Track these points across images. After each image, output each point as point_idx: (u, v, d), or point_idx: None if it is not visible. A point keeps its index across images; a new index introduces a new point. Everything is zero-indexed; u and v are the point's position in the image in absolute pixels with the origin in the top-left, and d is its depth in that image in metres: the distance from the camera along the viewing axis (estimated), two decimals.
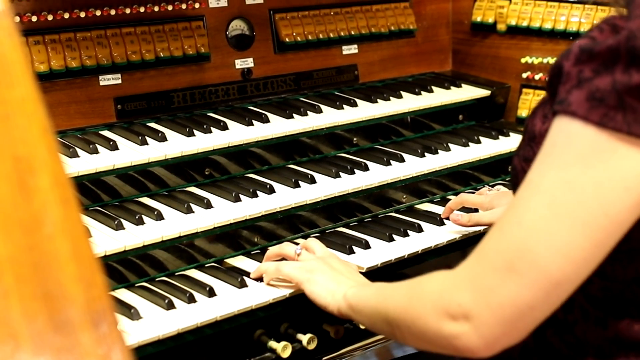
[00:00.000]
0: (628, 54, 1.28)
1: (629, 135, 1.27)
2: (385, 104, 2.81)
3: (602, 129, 1.28)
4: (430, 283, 1.48)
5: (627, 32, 1.29)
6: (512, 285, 1.33)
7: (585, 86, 1.31)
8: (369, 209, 2.54)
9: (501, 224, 1.38)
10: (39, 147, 0.86)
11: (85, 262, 0.83)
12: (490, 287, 1.35)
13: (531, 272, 1.32)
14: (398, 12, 3.09)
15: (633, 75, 1.27)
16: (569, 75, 1.34)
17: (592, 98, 1.29)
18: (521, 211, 1.35)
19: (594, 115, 1.29)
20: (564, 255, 1.31)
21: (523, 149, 1.52)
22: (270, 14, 2.81)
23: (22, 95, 0.87)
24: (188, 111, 2.61)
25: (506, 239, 1.35)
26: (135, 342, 1.88)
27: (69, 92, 2.43)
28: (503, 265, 1.34)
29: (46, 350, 0.78)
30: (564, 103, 1.32)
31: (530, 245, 1.32)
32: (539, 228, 1.32)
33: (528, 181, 1.37)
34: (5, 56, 0.89)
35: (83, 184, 2.24)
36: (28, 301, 0.79)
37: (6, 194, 0.82)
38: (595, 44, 1.32)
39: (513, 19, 3.08)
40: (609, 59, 1.30)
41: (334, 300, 1.87)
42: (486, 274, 1.36)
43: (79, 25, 2.44)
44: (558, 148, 1.33)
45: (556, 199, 1.31)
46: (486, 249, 1.39)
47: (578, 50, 1.34)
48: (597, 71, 1.30)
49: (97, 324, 0.81)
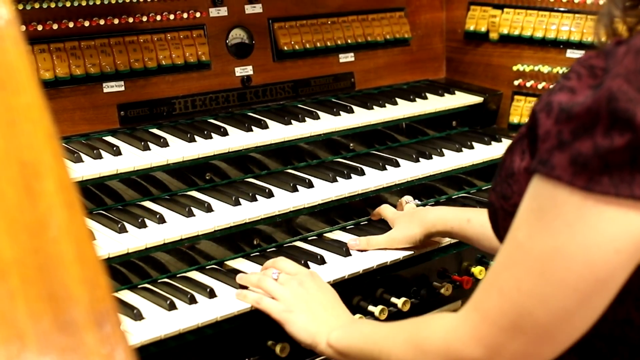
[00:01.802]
0: (609, 117, 1.23)
1: (616, 197, 1.24)
2: (380, 111, 2.81)
3: (588, 194, 1.25)
4: (434, 335, 1.49)
5: (606, 92, 1.23)
6: (518, 342, 1.36)
7: (566, 149, 1.27)
8: (365, 213, 2.54)
9: (500, 285, 1.38)
10: (45, 153, 0.86)
11: (89, 264, 0.83)
12: (500, 344, 1.38)
13: (535, 331, 1.34)
14: (393, 22, 3.09)
15: (615, 139, 1.22)
16: (549, 133, 1.29)
17: (575, 162, 1.25)
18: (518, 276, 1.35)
19: (579, 181, 1.25)
20: (562, 316, 1.32)
21: (500, 185, 1.48)
22: (269, 23, 2.81)
23: (28, 102, 0.87)
24: (189, 117, 2.61)
25: (507, 302, 1.36)
26: (138, 342, 1.88)
27: (74, 99, 2.43)
28: (508, 326, 1.36)
29: (51, 350, 0.78)
30: (547, 165, 1.29)
31: (530, 309, 1.33)
32: (536, 294, 1.32)
33: (518, 244, 1.35)
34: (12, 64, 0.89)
35: (87, 188, 2.24)
36: (34, 302, 0.79)
37: (12, 198, 0.82)
38: (574, 104, 1.27)
39: (505, 28, 3.08)
40: (588, 121, 1.25)
41: (317, 344, 1.88)
42: (494, 333, 1.38)
43: (83, 34, 2.44)
44: (546, 213, 1.30)
45: (548, 266, 1.31)
46: (489, 308, 1.40)
47: (557, 109, 1.29)
48: (576, 133, 1.26)
49: (101, 324, 0.81)
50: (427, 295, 2.38)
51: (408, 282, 2.41)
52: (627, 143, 1.21)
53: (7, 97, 0.87)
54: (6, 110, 0.86)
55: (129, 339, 0.82)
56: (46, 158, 0.85)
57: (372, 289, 2.32)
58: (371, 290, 2.31)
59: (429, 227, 2.28)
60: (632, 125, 1.21)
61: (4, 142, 0.84)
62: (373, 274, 2.28)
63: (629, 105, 1.21)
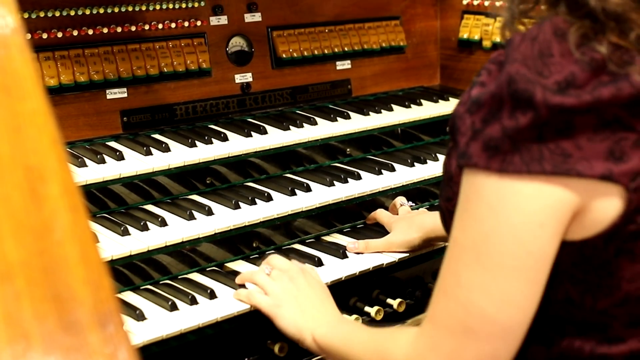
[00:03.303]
0: (511, 99, 1.28)
1: (529, 174, 1.27)
2: (376, 117, 2.81)
3: (503, 175, 1.28)
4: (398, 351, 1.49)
5: (506, 77, 1.28)
6: (472, 344, 1.35)
7: (479, 137, 1.31)
8: (362, 216, 2.54)
9: (444, 287, 1.39)
10: (50, 157, 0.86)
11: (93, 266, 0.83)
12: (453, 351, 1.37)
13: (485, 327, 1.34)
14: (389, 30, 3.09)
15: (519, 118, 1.27)
16: (464, 126, 1.34)
17: (487, 147, 1.29)
18: (457, 271, 1.36)
19: (494, 164, 1.29)
20: (507, 302, 1.32)
21: (444, 189, 1.51)
22: (268, 31, 2.81)
23: (34, 108, 0.87)
24: (190, 123, 2.61)
25: (452, 301, 1.36)
26: (140, 342, 1.88)
27: (78, 105, 2.43)
28: (458, 328, 1.36)
29: (56, 350, 0.78)
30: (465, 156, 1.33)
31: (475, 302, 1.33)
32: (477, 284, 1.33)
33: (454, 240, 1.38)
34: (18, 71, 0.89)
35: (91, 192, 2.23)
36: (39, 303, 0.79)
37: (18, 202, 0.82)
38: (481, 93, 1.32)
39: (498, 36, 3.08)
40: (494, 106, 1.29)
41: (303, 338, 1.88)
42: (446, 340, 1.38)
43: (87, 42, 2.44)
44: (471, 202, 1.33)
45: (481, 253, 1.32)
46: (437, 314, 1.40)
47: (469, 101, 1.34)
48: (486, 120, 1.30)
49: (104, 325, 0.81)
50: (422, 296, 2.38)
51: (403, 284, 2.41)
52: (531, 121, 1.26)
53: (13, 103, 0.87)
54: (12, 116, 0.86)
55: (131, 339, 0.82)
56: (51, 163, 0.86)
57: (368, 290, 2.32)
58: (367, 291, 2.31)
59: (427, 232, 2.28)
60: (533, 103, 1.26)
61: (10, 147, 0.85)
62: (369, 275, 2.27)
63: (527, 85, 1.26)
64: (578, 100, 1.25)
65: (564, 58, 1.28)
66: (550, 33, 1.31)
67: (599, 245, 1.34)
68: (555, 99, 1.25)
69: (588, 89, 1.26)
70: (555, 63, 1.28)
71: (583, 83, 1.26)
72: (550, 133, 1.27)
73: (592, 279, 1.38)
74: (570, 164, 1.27)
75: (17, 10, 0.92)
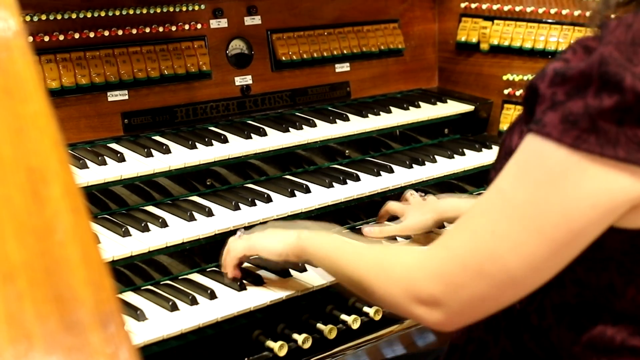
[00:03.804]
0: (600, 79, 1.27)
1: (601, 156, 1.27)
2: (375, 119, 2.81)
3: (574, 151, 1.28)
4: (401, 265, 1.49)
5: (599, 57, 1.28)
6: (482, 284, 1.37)
7: (559, 109, 1.30)
8: (360, 217, 2.54)
9: (473, 226, 1.39)
10: (51, 159, 0.86)
11: (94, 267, 0.83)
12: (461, 284, 1.38)
13: (500, 275, 1.35)
14: (387, 33, 3.09)
15: (604, 100, 1.26)
16: (544, 96, 1.33)
17: (565, 120, 1.29)
18: (495, 219, 1.36)
19: (567, 138, 1.28)
20: (530, 263, 1.34)
21: (500, 162, 1.50)
22: (267, 34, 2.82)
23: (35, 110, 0.87)
24: (190, 125, 2.61)
25: (479, 243, 1.37)
26: (141, 342, 1.88)
27: (79, 107, 2.43)
28: (475, 267, 1.37)
29: (58, 350, 0.78)
30: (539, 123, 1.32)
31: (501, 253, 1.34)
32: (510, 239, 1.34)
33: (500, 190, 1.37)
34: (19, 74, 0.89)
35: (92, 193, 2.23)
36: (41, 303, 0.79)
37: (20, 203, 0.82)
38: (568, 67, 1.31)
39: (495, 39, 3.09)
40: (581, 83, 1.29)
41: (286, 244, 1.89)
42: (458, 272, 1.38)
43: (88, 45, 2.44)
44: (531, 165, 1.33)
45: (526, 214, 1.32)
46: (458, 247, 1.40)
47: (552, 73, 1.33)
48: (570, 94, 1.30)
49: (106, 325, 0.81)
50: None
51: None
52: (615, 104, 1.25)
53: (15, 106, 0.87)
54: (14, 118, 0.86)
55: (132, 339, 0.82)
56: (53, 164, 0.86)
57: None
58: None
59: (441, 212, 2.31)
60: (621, 87, 1.25)
61: (12, 149, 0.85)
62: None
63: (618, 69, 1.26)
64: None
65: None
66: None
67: None
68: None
69: None
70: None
71: None
72: (630, 119, 1.26)
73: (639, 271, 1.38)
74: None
75: (19, 13, 0.92)
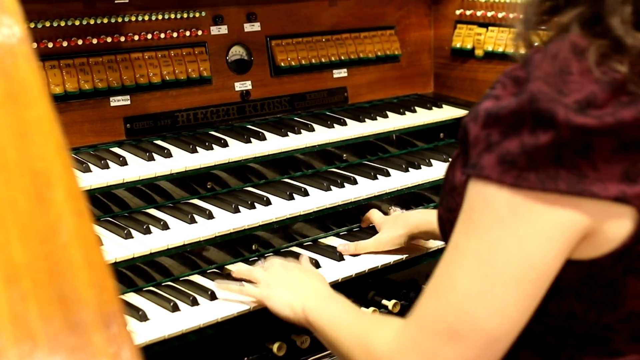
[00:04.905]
0: (532, 117, 1.24)
1: (543, 192, 1.24)
2: (372, 123, 2.81)
3: (517, 190, 1.25)
4: (380, 341, 1.45)
5: (529, 95, 1.25)
6: (456, 348, 1.32)
7: (494, 150, 1.27)
8: (358, 220, 2.54)
9: (436, 289, 1.36)
10: (55, 163, 0.86)
11: (97, 268, 0.83)
12: (436, 352, 1.34)
13: (472, 334, 1.30)
14: (384, 39, 3.09)
15: (540, 136, 1.24)
16: (478, 138, 1.30)
17: (503, 161, 1.26)
18: (454, 276, 1.32)
19: (507, 178, 1.25)
20: (500, 312, 1.29)
21: (445, 199, 1.47)
22: (267, 41, 2.82)
23: (39, 115, 0.88)
24: (191, 130, 2.61)
25: (444, 304, 1.33)
26: (143, 342, 1.88)
27: (82, 112, 2.43)
28: (445, 330, 1.32)
29: (61, 350, 0.78)
30: (476, 167, 1.29)
31: (467, 308, 1.30)
32: (473, 291, 1.30)
33: (454, 245, 1.34)
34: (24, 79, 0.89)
35: (95, 196, 2.23)
36: (45, 304, 0.79)
37: (25, 206, 0.82)
38: (500, 107, 1.28)
39: (490, 45, 3.09)
40: (515, 122, 1.26)
41: (294, 314, 1.84)
42: (430, 340, 1.34)
43: (91, 51, 2.44)
44: (477, 212, 1.30)
45: (484, 261, 1.28)
46: (426, 314, 1.37)
47: (484, 114, 1.30)
48: (505, 134, 1.27)
49: (108, 325, 0.81)
50: (416, 298, 2.37)
51: (398, 285, 2.41)
52: (552, 140, 1.23)
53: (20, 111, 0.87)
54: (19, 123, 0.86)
55: (134, 339, 0.82)
56: (56, 168, 0.86)
57: (364, 292, 2.32)
58: (363, 292, 2.31)
59: (412, 228, 2.29)
60: (555, 122, 1.23)
61: (16, 153, 0.85)
62: (365, 277, 2.28)
63: (550, 104, 1.23)
64: (600, 122, 1.22)
65: (583, 76, 1.25)
66: (569, 51, 1.28)
67: (607, 264, 1.32)
68: (577, 120, 1.22)
69: (609, 110, 1.23)
70: (574, 81, 1.25)
71: (603, 103, 1.23)
72: (568, 153, 1.23)
73: (598, 296, 1.36)
74: (586, 184, 1.24)
75: (24, 20, 0.92)
